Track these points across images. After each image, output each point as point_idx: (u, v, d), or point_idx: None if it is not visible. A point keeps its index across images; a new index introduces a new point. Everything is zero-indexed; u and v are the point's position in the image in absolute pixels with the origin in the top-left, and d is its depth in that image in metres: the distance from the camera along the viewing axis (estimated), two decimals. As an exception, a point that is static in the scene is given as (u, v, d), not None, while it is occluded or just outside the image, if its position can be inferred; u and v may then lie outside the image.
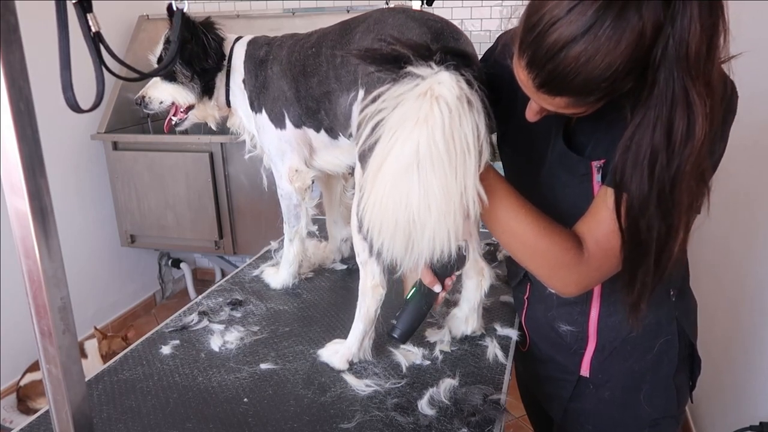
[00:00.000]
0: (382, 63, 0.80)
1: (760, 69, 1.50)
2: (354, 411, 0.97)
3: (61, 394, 0.56)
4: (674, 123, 0.68)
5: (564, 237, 0.85)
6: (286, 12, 2.97)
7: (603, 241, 0.82)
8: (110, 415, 0.98)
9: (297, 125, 1.26)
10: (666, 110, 0.68)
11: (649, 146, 0.70)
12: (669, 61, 0.65)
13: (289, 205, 1.36)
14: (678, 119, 0.67)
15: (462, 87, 0.77)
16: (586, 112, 0.77)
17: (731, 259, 1.85)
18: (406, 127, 0.75)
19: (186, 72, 1.32)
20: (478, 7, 2.82)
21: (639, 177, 0.72)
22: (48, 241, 0.52)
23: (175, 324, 1.27)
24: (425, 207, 0.75)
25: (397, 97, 0.77)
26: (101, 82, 0.81)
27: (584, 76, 0.67)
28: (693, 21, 0.63)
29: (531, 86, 0.74)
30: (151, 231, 2.97)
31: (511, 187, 0.88)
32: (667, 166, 0.70)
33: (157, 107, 1.39)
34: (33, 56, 0.66)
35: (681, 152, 0.69)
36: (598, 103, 0.74)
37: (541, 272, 0.89)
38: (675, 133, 0.68)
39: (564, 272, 0.86)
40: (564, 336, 1.05)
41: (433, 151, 0.73)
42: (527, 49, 0.71)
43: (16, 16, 0.48)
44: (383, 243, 0.79)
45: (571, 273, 0.85)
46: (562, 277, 0.87)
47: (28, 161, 0.50)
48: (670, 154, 0.69)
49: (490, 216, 0.87)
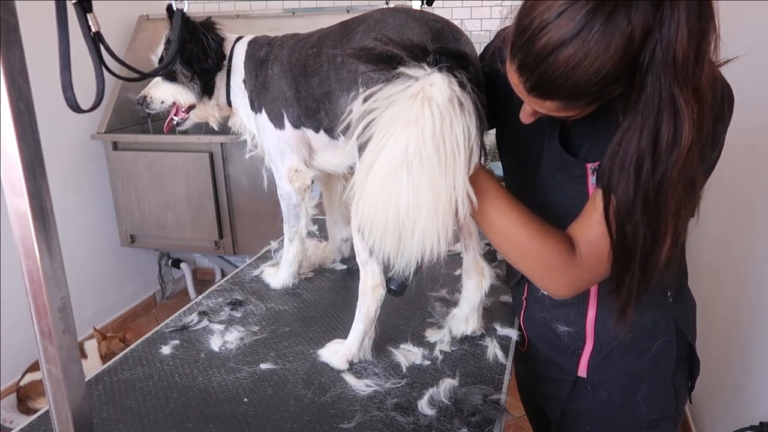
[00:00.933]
0: (376, 62, 0.80)
1: (758, 71, 1.50)
2: (354, 411, 0.97)
3: (61, 394, 0.56)
4: (660, 129, 0.67)
5: (556, 239, 0.85)
6: (286, 12, 2.97)
7: (595, 244, 0.82)
8: (110, 415, 0.98)
9: (296, 126, 1.26)
10: (653, 116, 0.67)
11: (635, 152, 0.70)
12: (656, 66, 0.65)
13: (288, 205, 1.37)
14: (664, 125, 0.67)
15: (454, 89, 0.77)
16: (578, 115, 0.77)
17: (731, 259, 1.85)
18: (396, 127, 0.76)
19: (186, 72, 1.32)
20: (478, 7, 2.82)
21: (625, 182, 0.72)
22: (48, 241, 0.52)
23: (175, 324, 1.27)
24: (414, 207, 0.76)
25: (389, 97, 0.78)
26: (101, 82, 0.81)
27: (574, 80, 0.67)
28: (680, 26, 0.63)
29: (522, 89, 0.74)
30: (151, 231, 2.97)
31: (503, 188, 0.88)
32: (653, 172, 0.69)
33: (158, 107, 1.40)
34: (33, 56, 0.66)
35: (667, 159, 0.68)
36: (590, 107, 0.74)
37: (533, 274, 0.89)
38: (661, 139, 0.68)
39: (556, 274, 0.86)
40: (561, 336, 1.05)
41: (423, 152, 0.74)
42: (518, 52, 0.71)
43: (16, 16, 0.48)
44: (374, 242, 0.80)
45: (563, 275, 0.85)
46: (554, 279, 0.87)
47: (28, 161, 0.50)
48: (656, 160, 0.69)
49: (483, 217, 0.87)
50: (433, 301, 1.31)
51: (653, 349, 1.00)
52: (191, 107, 1.39)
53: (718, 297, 1.92)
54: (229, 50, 1.34)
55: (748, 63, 0.83)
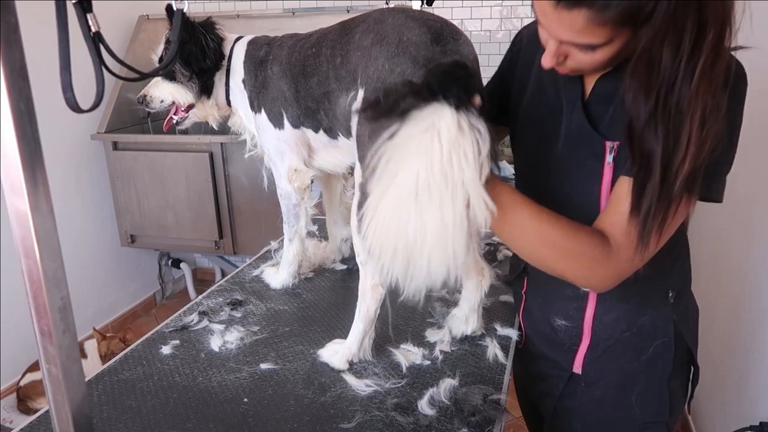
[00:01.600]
0: (387, 114, 0.80)
1: (761, 67, 1.50)
2: (354, 411, 0.97)
3: (61, 394, 0.56)
4: (685, 25, 0.68)
5: (589, 233, 0.84)
6: (286, 12, 2.97)
7: (629, 233, 0.81)
8: (110, 415, 0.98)
9: (295, 126, 1.26)
10: (678, 24, 0.68)
11: (657, 58, 0.71)
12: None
13: (288, 204, 1.37)
14: (688, 29, 0.68)
15: (461, 122, 0.76)
16: (602, 61, 0.78)
17: (731, 259, 1.85)
18: (407, 158, 0.76)
19: (185, 72, 1.33)
20: (478, 7, 2.81)
21: (645, 88, 0.72)
22: (48, 241, 0.52)
23: (175, 324, 1.27)
24: (421, 236, 0.76)
25: (404, 135, 0.78)
26: (101, 82, 0.80)
27: None
28: None
29: (548, 7, 0.74)
30: (151, 231, 2.97)
31: (524, 196, 0.86)
32: (676, 75, 0.71)
33: (158, 106, 1.40)
34: (33, 56, 0.66)
35: (688, 64, 0.70)
36: (617, 31, 0.73)
37: (574, 273, 0.87)
38: (684, 41, 0.69)
39: (597, 269, 0.84)
40: (558, 331, 1.05)
41: (431, 180, 0.74)
42: None
43: (16, 16, 0.48)
44: (384, 266, 0.80)
45: (603, 269, 0.84)
46: (596, 274, 0.85)
47: (28, 161, 0.50)
48: (677, 64, 0.70)
49: (509, 226, 0.85)
50: (433, 301, 1.31)
51: (650, 350, 1.00)
52: (190, 106, 1.40)
53: (718, 296, 1.92)
54: (229, 50, 1.34)
55: (751, 58, 0.84)
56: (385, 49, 0.98)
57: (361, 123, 1.03)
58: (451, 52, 0.97)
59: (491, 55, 2.81)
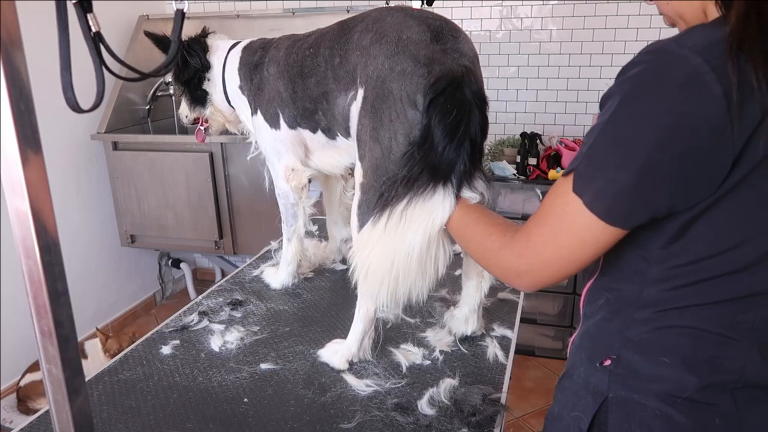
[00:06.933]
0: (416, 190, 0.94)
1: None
2: (354, 411, 0.97)
3: (61, 394, 0.56)
4: None
5: (506, 229, 0.80)
6: (286, 12, 2.97)
7: (526, 226, 0.74)
8: (110, 415, 0.98)
9: (291, 126, 1.26)
10: None
11: None
12: None
13: (286, 204, 1.37)
14: None
15: (459, 204, 0.91)
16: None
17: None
18: (411, 228, 0.92)
19: (179, 86, 1.41)
20: (478, 7, 2.81)
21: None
22: (48, 240, 0.52)
23: (175, 324, 1.27)
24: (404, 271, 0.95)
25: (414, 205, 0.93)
26: (101, 82, 0.80)
27: None
28: None
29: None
30: (151, 231, 2.97)
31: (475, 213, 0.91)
32: None
33: (185, 121, 1.52)
34: (33, 56, 0.66)
35: None
36: None
37: (484, 265, 0.85)
38: None
39: (492, 258, 0.80)
40: None
41: (423, 252, 0.94)
42: None
43: (16, 16, 0.48)
44: (370, 287, 1.01)
45: (498, 259, 0.79)
46: (492, 264, 0.81)
47: (28, 161, 0.50)
48: None
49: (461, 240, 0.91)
50: (433, 301, 1.31)
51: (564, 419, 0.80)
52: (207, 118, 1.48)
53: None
54: (223, 58, 1.36)
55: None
56: (385, 48, 0.98)
57: (361, 123, 1.03)
58: (451, 50, 0.97)
59: (491, 55, 2.81)
